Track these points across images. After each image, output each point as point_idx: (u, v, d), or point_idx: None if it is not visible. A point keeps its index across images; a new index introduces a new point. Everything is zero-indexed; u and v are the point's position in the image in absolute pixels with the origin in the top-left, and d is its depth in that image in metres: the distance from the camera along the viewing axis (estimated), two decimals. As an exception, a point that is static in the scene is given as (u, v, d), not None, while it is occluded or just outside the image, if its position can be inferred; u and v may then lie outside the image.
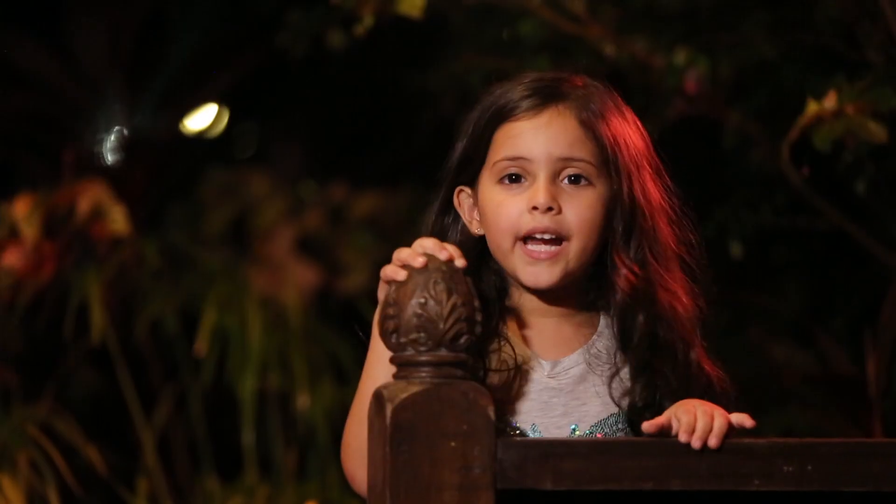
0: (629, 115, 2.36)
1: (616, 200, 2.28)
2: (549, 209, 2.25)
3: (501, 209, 2.28)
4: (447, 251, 2.07)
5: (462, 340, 2.02)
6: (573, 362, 2.29)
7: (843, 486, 2.02)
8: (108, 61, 5.34)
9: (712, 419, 2.07)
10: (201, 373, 4.35)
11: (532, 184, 2.27)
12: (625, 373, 2.28)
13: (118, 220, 4.21)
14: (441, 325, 2.01)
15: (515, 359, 2.26)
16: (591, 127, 2.28)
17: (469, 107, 2.38)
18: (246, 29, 5.42)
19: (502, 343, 2.26)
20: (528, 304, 2.32)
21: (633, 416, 2.26)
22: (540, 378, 2.28)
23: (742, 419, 2.11)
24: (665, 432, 2.08)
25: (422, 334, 2.01)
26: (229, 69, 5.39)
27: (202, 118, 5.56)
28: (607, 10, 3.72)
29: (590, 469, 2.00)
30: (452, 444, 1.98)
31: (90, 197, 4.20)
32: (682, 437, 2.04)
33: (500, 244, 2.28)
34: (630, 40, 3.65)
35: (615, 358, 2.29)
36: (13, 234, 4.16)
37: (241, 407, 4.38)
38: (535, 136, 2.27)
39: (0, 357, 4.21)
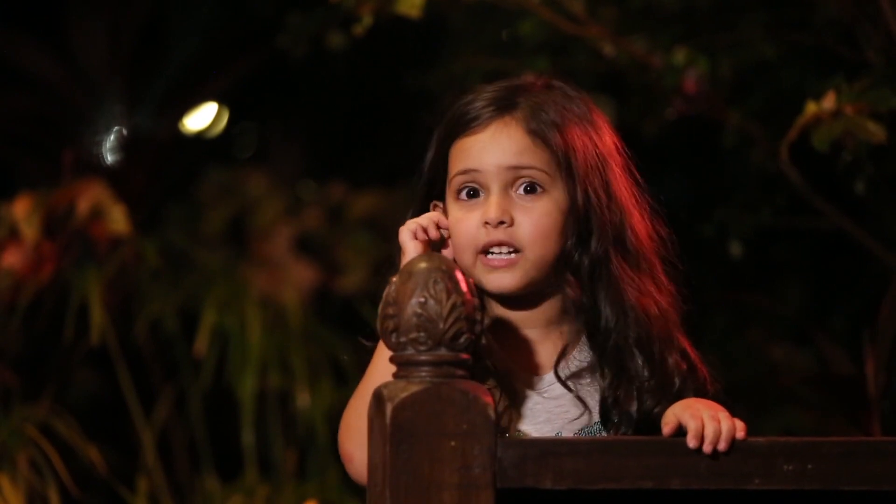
0: (598, 118, 2.35)
1: (573, 209, 2.29)
2: (501, 223, 2.27)
3: (460, 226, 2.31)
4: (434, 230, 2.22)
5: (462, 340, 2.02)
6: (554, 373, 2.30)
7: (843, 485, 2.02)
8: (107, 61, 5.33)
9: (719, 423, 2.07)
10: (201, 372, 4.35)
11: (487, 197, 2.29)
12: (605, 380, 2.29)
13: (118, 219, 4.21)
14: (441, 325, 2.01)
15: (498, 371, 2.28)
16: (539, 135, 2.29)
17: (437, 118, 2.40)
18: (245, 29, 5.42)
19: (485, 356, 2.28)
20: (509, 316, 2.33)
21: (615, 422, 2.27)
22: (522, 389, 2.29)
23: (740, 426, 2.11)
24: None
25: (421, 333, 2.02)
26: (229, 69, 5.39)
27: (202, 118, 5.56)
28: (606, 10, 3.72)
29: (590, 468, 2.00)
30: (452, 443, 1.98)
31: (90, 197, 4.20)
32: (692, 444, 2.04)
33: (462, 259, 2.31)
34: (629, 40, 3.65)
35: (596, 365, 2.30)
36: (13, 235, 4.16)
37: (240, 406, 4.38)
38: (483, 149, 2.30)
39: (0, 357, 4.21)
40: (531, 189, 2.29)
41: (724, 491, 2.02)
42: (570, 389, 2.28)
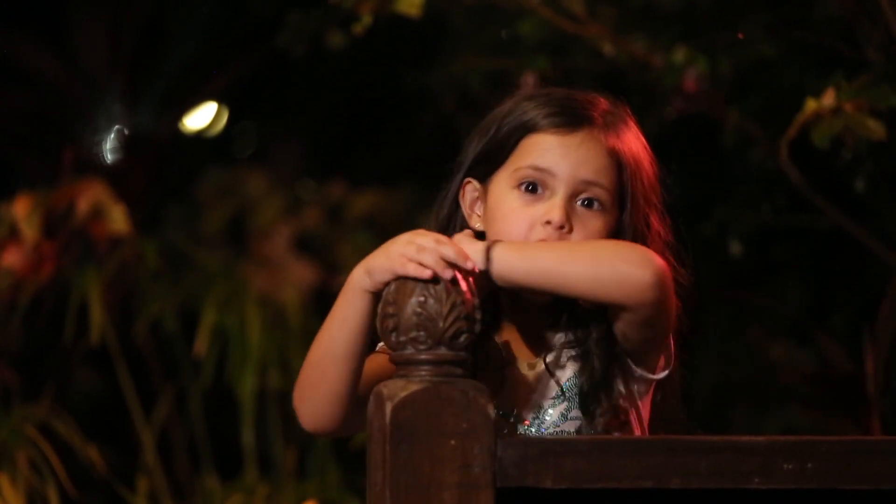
0: (642, 139, 2.40)
1: (621, 230, 2.33)
2: (561, 227, 2.28)
3: (514, 216, 2.31)
4: (471, 262, 2.09)
5: (462, 339, 2.02)
6: (550, 358, 2.32)
7: (843, 484, 2.02)
8: (108, 61, 5.34)
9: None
10: (201, 372, 4.35)
11: (549, 197, 2.30)
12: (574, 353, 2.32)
13: (118, 219, 4.21)
14: (441, 324, 2.01)
15: (500, 357, 2.30)
16: (616, 157, 2.33)
17: (494, 101, 2.41)
18: (245, 29, 5.43)
19: (497, 339, 2.31)
20: (513, 304, 2.34)
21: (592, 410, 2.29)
22: (517, 374, 2.31)
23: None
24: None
25: (421, 333, 2.01)
26: (228, 69, 5.40)
27: (201, 118, 5.56)
28: (606, 10, 3.72)
29: (590, 467, 2.00)
30: (452, 442, 1.97)
31: (90, 196, 4.20)
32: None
33: (505, 237, 2.29)
34: (629, 39, 3.65)
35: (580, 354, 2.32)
36: (13, 234, 4.16)
37: (240, 406, 4.38)
38: (566, 155, 2.31)
39: (0, 356, 4.21)
40: (589, 204, 2.31)
41: (724, 490, 2.02)
42: (552, 374, 2.30)
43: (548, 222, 2.28)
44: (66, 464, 3.93)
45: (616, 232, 2.33)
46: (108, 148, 5.31)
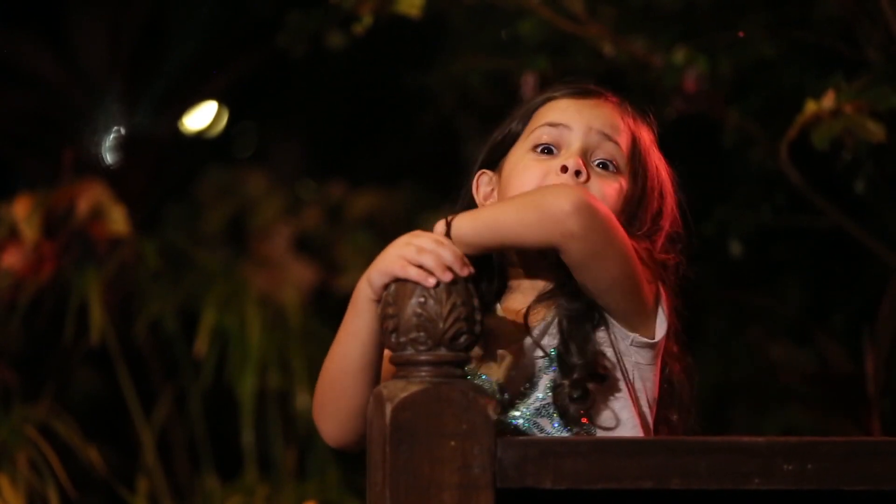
0: (657, 149, 2.45)
1: (629, 200, 2.34)
2: (578, 173, 2.30)
3: (529, 171, 2.34)
4: (468, 268, 2.08)
5: (462, 340, 2.02)
6: (540, 327, 2.31)
7: (843, 484, 2.02)
8: (107, 61, 5.34)
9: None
10: (201, 372, 4.35)
11: (565, 152, 2.33)
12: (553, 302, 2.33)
13: (117, 219, 4.21)
14: (441, 325, 2.01)
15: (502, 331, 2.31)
16: (628, 124, 2.38)
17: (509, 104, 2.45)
18: (245, 29, 5.43)
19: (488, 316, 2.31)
20: (516, 277, 2.37)
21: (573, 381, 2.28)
22: (514, 347, 2.31)
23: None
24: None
25: (421, 333, 2.02)
26: (228, 69, 5.40)
27: (201, 118, 5.56)
28: (606, 10, 3.72)
29: (589, 468, 2.00)
30: (452, 443, 1.98)
31: (90, 197, 4.20)
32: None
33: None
34: (629, 39, 3.65)
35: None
36: (13, 235, 4.16)
37: (240, 406, 4.38)
38: (580, 109, 2.37)
39: (0, 357, 4.21)
40: (605, 166, 2.34)
41: (724, 491, 2.02)
42: (541, 347, 2.30)
43: (564, 168, 2.30)
44: (66, 464, 3.93)
45: (629, 202, 2.34)
46: (108, 148, 5.31)
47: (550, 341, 2.30)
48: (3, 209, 4.21)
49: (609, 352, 2.29)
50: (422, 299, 2.02)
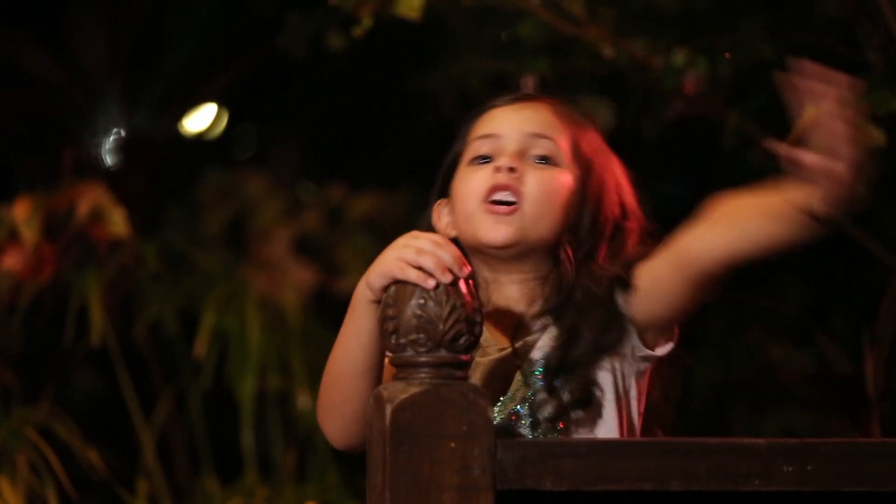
0: (604, 144, 2.42)
1: (580, 193, 2.32)
2: (512, 169, 2.29)
3: (469, 180, 2.33)
4: (468, 269, 2.08)
5: (462, 341, 2.02)
6: (521, 338, 2.31)
7: (843, 486, 2.02)
8: (107, 62, 5.34)
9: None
10: (201, 374, 4.35)
11: (499, 155, 2.33)
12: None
13: (117, 221, 4.21)
14: (441, 326, 2.01)
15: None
16: (562, 118, 2.36)
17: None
18: (245, 30, 5.43)
19: None
20: (494, 291, 2.35)
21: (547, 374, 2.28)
22: (481, 362, 2.31)
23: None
24: None
25: (421, 335, 2.01)
26: (228, 70, 5.39)
27: (201, 119, 5.56)
28: (606, 11, 3.72)
29: (590, 469, 2.00)
30: (452, 444, 1.98)
31: (90, 199, 4.21)
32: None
33: (465, 209, 2.32)
34: (629, 41, 3.65)
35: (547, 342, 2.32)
36: (13, 237, 4.16)
37: (240, 408, 4.38)
38: (507, 116, 2.36)
39: (0, 358, 4.21)
40: (544, 160, 2.32)
41: (724, 492, 2.02)
42: (519, 367, 2.29)
43: (497, 169, 2.30)
44: (65, 466, 3.93)
45: (576, 194, 2.32)
46: (108, 150, 5.31)
47: (534, 352, 2.31)
48: (2, 211, 4.21)
49: (605, 367, 2.29)
50: (422, 301, 2.02)
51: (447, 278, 2.04)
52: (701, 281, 2.23)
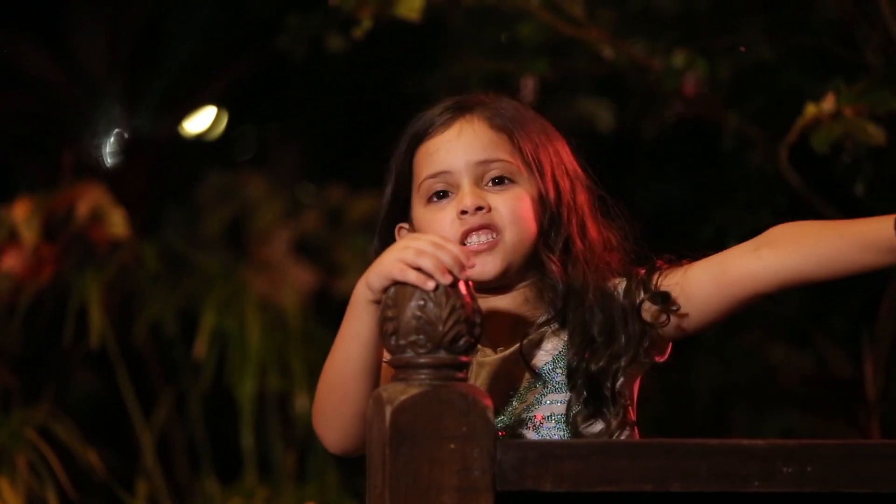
0: (541, 120, 2.41)
1: (542, 198, 2.34)
2: (479, 209, 2.30)
3: (433, 226, 2.33)
4: (468, 270, 2.08)
5: (461, 342, 2.02)
6: (518, 348, 2.33)
7: (842, 487, 2.02)
8: (107, 63, 5.34)
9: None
10: (200, 375, 4.35)
11: (457, 193, 2.32)
12: (556, 336, 2.33)
13: (117, 222, 4.21)
14: (440, 328, 2.01)
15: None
16: (503, 129, 2.35)
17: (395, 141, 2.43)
18: (245, 31, 5.43)
19: None
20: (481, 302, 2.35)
21: (570, 375, 2.30)
22: (485, 362, 2.33)
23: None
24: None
25: (421, 336, 2.01)
26: (228, 72, 5.39)
27: (201, 121, 5.56)
28: (606, 13, 3.72)
29: (589, 471, 2.00)
30: (452, 445, 1.98)
31: (89, 200, 4.21)
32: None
33: None
34: (629, 43, 3.66)
35: (549, 325, 2.33)
36: (13, 237, 4.16)
37: (240, 409, 4.38)
38: (450, 148, 2.34)
39: (0, 359, 4.21)
40: (500, 181, 2.33)
41: (724, 493, 2.02)
42: (532, 371, 2.31)
43: (463, 212, 2.30)
44: (65, 466, 3.93)
45: (539, 201, 2.33)
46: (108, 151, 5.31)
47: (539, 355, 2.31)
48: (2, 212, 4.21)
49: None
50: (421, 302, 2.02)
51: (446, 279, 2.04)
52: (748, 299, 2.27)
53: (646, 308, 2.30)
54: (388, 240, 2.38)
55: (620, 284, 2.33)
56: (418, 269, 2.05)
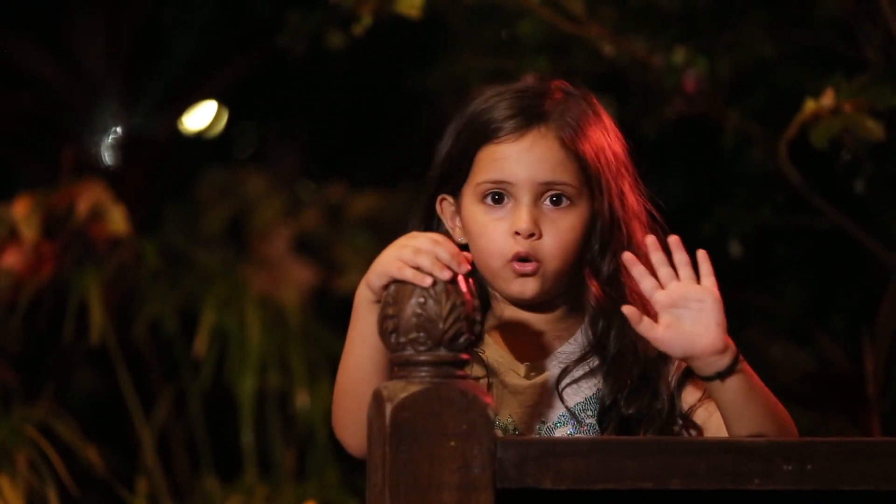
0: (607, 121, 2.39)
1: (596, 218, 2.33)
2: (531, 235, 2.29)
3: (486, 232, 2.31)
4: (466, 265, 2.08)
5: (461, 340, 2.02)
6: (547, 365, 2.33)
7: (842, 485, 2.02)
8: (106, 61, 5.34)
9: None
10: (200, 372, 4.35)
11: (515, 206, 2.31)
12: (593, 375, 2.33)
13: (117, 220, 4.21)
14: (440, 325, 2.01)
15: (488, 364, 2.31)
16: (573, 147, 2.31)
17: (456, 108, 2.39)
18: (244, 29, 5.43)
19: (483, 348, 2.32)
20: (509, 312, 2.36)
21: (601, 416, 2.31)
22: (514, 379, 2.31)
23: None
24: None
25: (421, 334, 2.01)
26: (228, 69, 5.39)
27: (201, 118, 5.56)
28: (606, 10, 3.72)
29: (590, 468, 2.00)
30: (452, 443, 1.98)
31: (89, 197, 4.20)
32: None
33: (489, 264, 2.32)
34: (629, 40, 3.65)
35: (586, 361, 2.33)
36: (13, 235, 4.16)
37: (240, 406, 4.38)
38: (519, 161, 2.30)
39: (0, 357, 4.21)
40: (558, 201, 2.31)
41: (724, 491, 2.02)
42: (563, 400, 2.32)
43: (517, 233, 2.29)
44: (65, 464, 3.93)
45: (592, 220, 2.33)
46: (108, 148, 5.31)
47: (575, 392, 2.33)
48: (2, 209, 4.21)
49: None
50: (421, 300, 2.02)
51: (446, 275, 2.04)
52: None
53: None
54: (429, 209, 2.39)
55: None
56: (416, 267, 2.06)
